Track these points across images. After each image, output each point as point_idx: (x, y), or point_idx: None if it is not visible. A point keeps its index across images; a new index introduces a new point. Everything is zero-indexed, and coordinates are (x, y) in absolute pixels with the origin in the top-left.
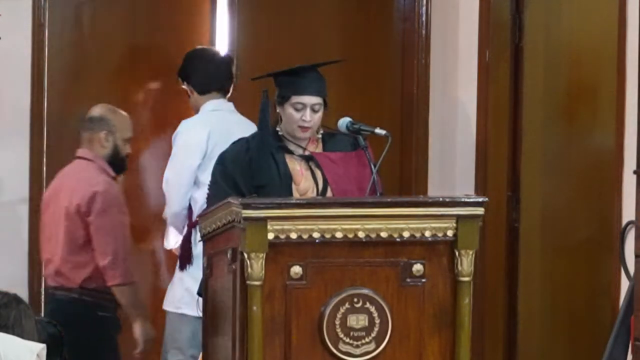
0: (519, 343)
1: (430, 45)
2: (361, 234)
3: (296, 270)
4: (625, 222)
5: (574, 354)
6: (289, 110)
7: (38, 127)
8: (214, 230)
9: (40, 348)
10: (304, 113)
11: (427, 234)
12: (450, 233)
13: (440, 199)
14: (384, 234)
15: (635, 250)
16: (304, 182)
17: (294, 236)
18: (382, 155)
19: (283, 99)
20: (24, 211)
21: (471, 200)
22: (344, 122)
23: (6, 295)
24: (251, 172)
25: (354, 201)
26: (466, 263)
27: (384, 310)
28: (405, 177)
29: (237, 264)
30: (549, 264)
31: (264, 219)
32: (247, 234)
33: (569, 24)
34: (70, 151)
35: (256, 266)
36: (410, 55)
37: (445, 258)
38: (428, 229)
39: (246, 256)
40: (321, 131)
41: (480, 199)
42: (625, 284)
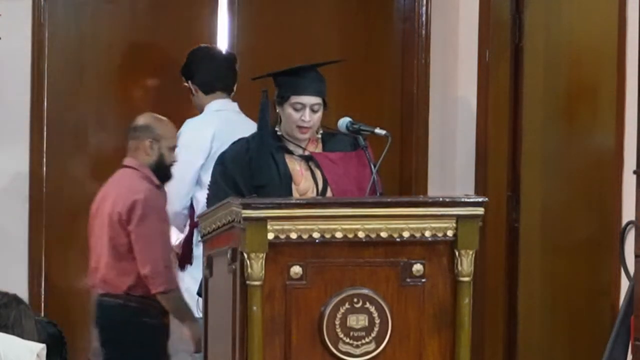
0: (519, 343)
1: (430, 45)
2: (361, 234)
3: (296, 270)
4: (625, 222)
5: (574, 354)
6: (288, 110)
7: (38, 127)
8: (213, 230)
9: (40, 348)
10: (303, 113)
11: (427, 234)
12: (450, 233)
13: (440, 199)
14: (384, 234)
15: (635, 250)
16: (303, 182)
17: (294, 236)
18: (382, 155)
19: (282, 99)
20: (24, 211)
21: (471, 200)
22: (344, 122)
23: (6, 295)
24: (251, 172)
25: (354, 201)
26: (466, 263)
27: (384, 310)
28: (405, 177)
29: (237, 264)
30: (549, 264)
31: (264, 219)
32: (247, 234)
33: (569, 24)
34: (70, 151)
35: (256, 266)
36: (410, 55)
37: (445, 258)
38: (428, 229)
39: (246, 256)
40: (321, 131)
41: (480, 199)
42: (625, 284)
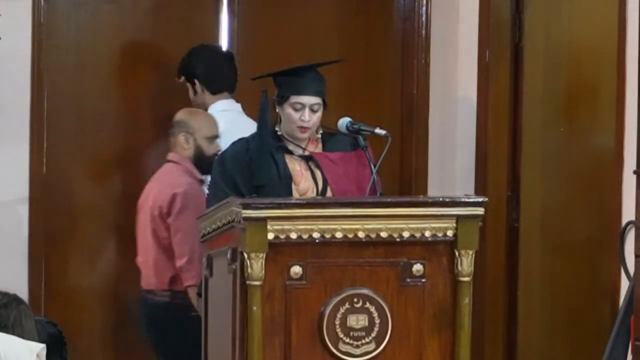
0: (519, 343)
1: (430, 45)
2: (361, 234)
3: (296, 270)
4: (625, 222)
5: (574, 354)
6: (288, 110)
7: (38, 127)
8: (213, 230)
9: (40, 348)
10: (302, 113)
11: (427, 234)
12: (450, 233)
13: (440, 199)
14: (384, 234)
15: (635, 250)
16: (303, 182)
17: (293, 236)
18: (382, 155)
19: (282, 99)
20: (24, 211)
21: (471, 200)
22: (343, 122)
23: (6, 295)
24: (251, 172)
25: (353, 201)
26: (466, 263)
27: (384, 310)
28: (405, 177)
29: (237, 264)
30: (549, 264)
31: (264, 219)
32: (247, 234)
33: (569, 24)
34: (70, 151)
35: (256, 266)
36: (410, 55)
37: (445, 258)
38: (428, 229)
39: (246, 256)
40: (321, 131)
41: (480, 199)
42: (625, 284)
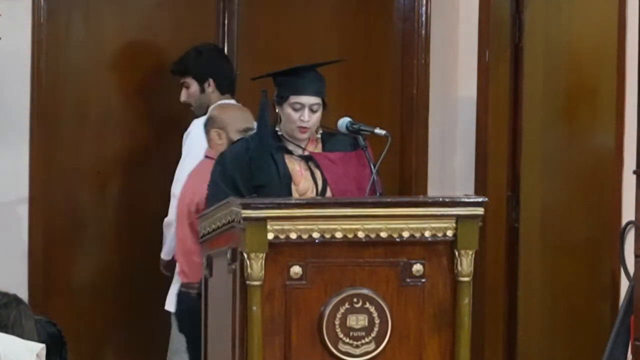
0: (519, 343)
1: (430, 45)
2: (361, 234)
3: (296, 270)
4: (625, 222)
5: (574, 354)
6: (287, 110)
7: (38, 127)
8: (213, 230)
9: (40, 348)
10: (302, 113)
11: (427, 234)
12: (450, 233)
13: (440, 199)
14: (383, 234)
15: (635, 250)
16: (303, 182)
17: (293, 236)
18: (382, 155)
19: (282, 99)
20: (24, 211)
21: (471, 200)
22: (343, 122)
23: (6, 295)
24: (250, 172)
25: (353, 201)
26: (466, 263)
27: (384, 310)
28: (405, 177)
29: (237, 264)
30: (549, 264)
31: (264, 219)
32: (247, 234)
33: (568, 23)
34: (70, 151)
35: (256, 266)
36: (410, 55)
37: (445, 258)
38: (428, 229)
39: (246, 256)
40: (320, 131)
41: (480, 199)
42: (625, 284)
